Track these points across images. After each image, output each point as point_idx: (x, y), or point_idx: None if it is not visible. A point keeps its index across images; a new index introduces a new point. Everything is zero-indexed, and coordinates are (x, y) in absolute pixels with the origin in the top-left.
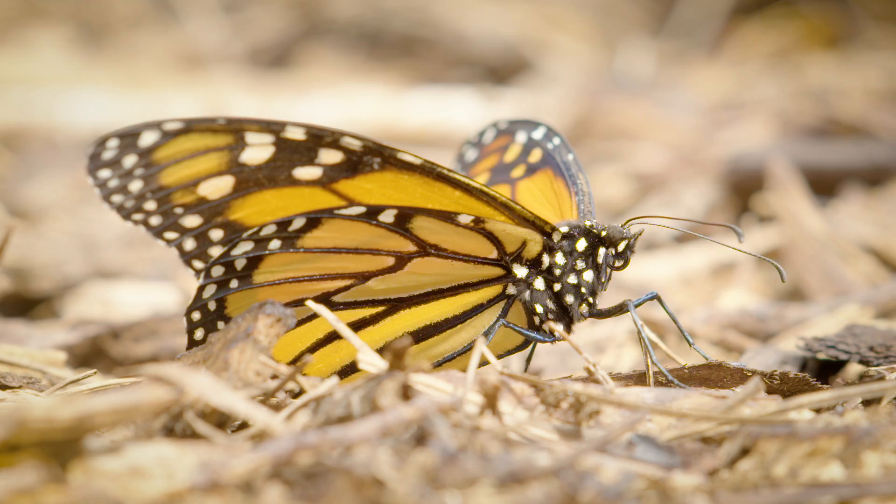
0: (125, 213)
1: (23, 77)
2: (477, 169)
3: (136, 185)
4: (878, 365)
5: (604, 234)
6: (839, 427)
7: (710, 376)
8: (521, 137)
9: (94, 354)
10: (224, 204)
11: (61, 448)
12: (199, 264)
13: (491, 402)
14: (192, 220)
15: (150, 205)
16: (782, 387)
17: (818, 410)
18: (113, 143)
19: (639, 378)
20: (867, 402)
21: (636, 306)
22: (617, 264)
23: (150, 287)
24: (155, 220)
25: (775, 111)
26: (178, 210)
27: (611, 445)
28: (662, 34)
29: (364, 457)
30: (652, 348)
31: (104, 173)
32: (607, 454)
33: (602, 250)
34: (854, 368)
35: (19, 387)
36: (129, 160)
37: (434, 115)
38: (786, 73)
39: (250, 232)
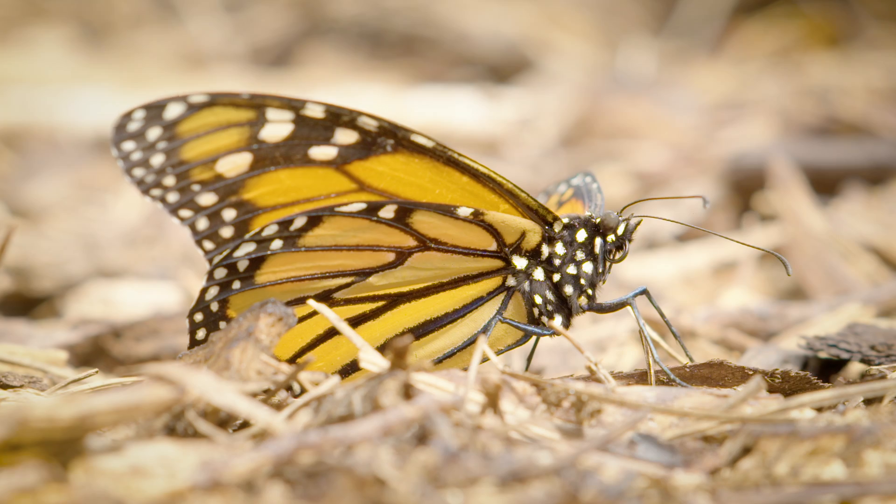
0: (144, 188)
1: (24, 76)
2: None
3: (157, 159)
4: (879, 364)
5: (598, 220)
6: (841, 426)
7: (711, 375)
8: (561, 188)
9: (95, 354)
10: (239, 182)
11: (63, 447)
12: (209, 245)
13: (492, 401)
14: (207, 198)
15: (170, 180)
16: (784, 386)
17: (820, 409)
18: (139, 114)
19: (640, 377)
20: (869, 401)
21: (625, 301)
22: (616, 256)
23: (152, 286)
24: (172, 197)
25: (777, 110)
26: (196, 187)
27: (612, 444)
28: (664, 33)
29: (365, 456)
30: (654, 347)
31: (128, 145)
32: (609, 453)
33: (599, 240)
34: (855, 367)
35: (21, 386)
36: (154, 132)
37: (436, 115)
38: (787, 72)
39: (253, 233)
